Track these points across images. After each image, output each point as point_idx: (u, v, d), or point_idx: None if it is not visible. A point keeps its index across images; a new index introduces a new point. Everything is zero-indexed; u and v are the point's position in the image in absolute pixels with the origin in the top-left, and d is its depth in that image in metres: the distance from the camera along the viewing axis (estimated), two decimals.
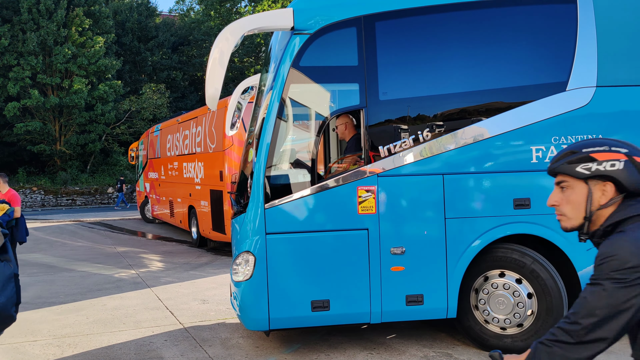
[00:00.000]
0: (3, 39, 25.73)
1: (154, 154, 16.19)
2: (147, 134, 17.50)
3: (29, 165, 29.69)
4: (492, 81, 4.85)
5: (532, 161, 4.76)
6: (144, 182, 17.54)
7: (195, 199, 12.02)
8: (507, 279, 4.77)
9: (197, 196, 11.83)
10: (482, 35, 4.89)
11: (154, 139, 16.17)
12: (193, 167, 12.08)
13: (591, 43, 4.82)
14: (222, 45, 4.37)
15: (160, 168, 15.41)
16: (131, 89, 32.43)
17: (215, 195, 10.70)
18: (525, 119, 4.76)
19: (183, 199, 13.11)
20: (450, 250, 4.71)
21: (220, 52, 4.38)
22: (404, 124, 4.74)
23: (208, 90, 4.42)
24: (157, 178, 15.79)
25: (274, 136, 4.58)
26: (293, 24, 4.56)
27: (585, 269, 4.76)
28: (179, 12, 40.13)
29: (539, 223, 4.75)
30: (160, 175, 15.38)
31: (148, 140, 17.02)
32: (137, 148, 18.93)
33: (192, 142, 12.24)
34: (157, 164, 15.83)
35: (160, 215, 16.03)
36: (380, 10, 4.68)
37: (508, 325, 4.79)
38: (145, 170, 17.25)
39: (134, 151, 19.33)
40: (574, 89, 4.79)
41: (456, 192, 4.72)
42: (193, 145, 12.16)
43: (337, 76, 4.76)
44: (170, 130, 14.36)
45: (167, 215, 14.96)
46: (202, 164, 11.50)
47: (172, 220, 14.60)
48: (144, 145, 17.76)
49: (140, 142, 18.47)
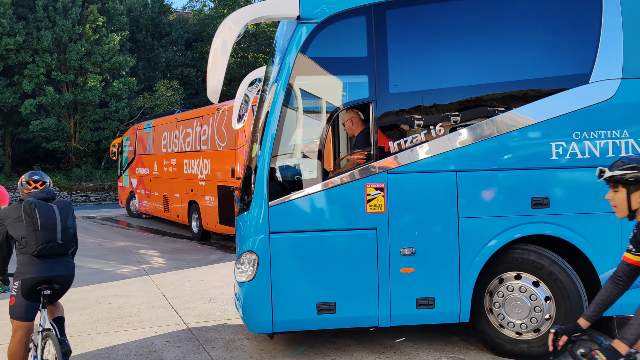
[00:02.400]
0: (18, 36, 25.89)
1: (144, 150, 16.33)
2: (134, 130, 17.56)
3: (44, 162, 29.90)
4: (510, 73, 4.60)
5: (551, 158, 4.50)
6: (129, 178, 17.77)
7: (198, 194, 12.42)
8: (523, 281, 4.52)
9: (201, 191, 12.22)
10: (500, 25, 4.63)
11: (144, 136, 16.30)
12: (196, 164, 12.44)
13: (616, 33, 4.54)
14: (224, 35, 4.18)
15: (152, 164, 15.62)
16: (145, 86, 32.48)
17: (223, 190, 11.09)
18: (544, 112, 4.50)
19: (182, 194, 13.47)
20: (464, 252, 4.47)
21: (223, 42, 4.19)
22: (416, 118, 4.51)
23: (209, 82, 4.24)
24: (148, 174, 16.01)
25: (279, 130, 4.38)
26: (299, 13, 4.35)
27: (607, 271, 4.50)
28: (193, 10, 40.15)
29: (558, 223, 4.50)
30: (152, 171, 15.61)
31: (136, 136, 17.08)
32: (121, 144, 18.95)
33: (195, 140, 12.60)
34: (148, 160, 16.01)
35: (149, 210, 16.30)
36: None
37: (524, 330, 4.55)
38: (132, 166, 17.41)
39: (117, 147, 19.40)
40: (598, 81, 4.52)
41: (470, 190, 4.48)
42: (197, 143, 12.51)
43: (346, 68, 4.54)
44: (167, 127, 14.59)
45: (159, 210, 15.31)
46: (209, 161, 11.87)
47: (166, 214, 14.90)
48: (130, 141, 17.82)
49: (126, 138, 18.48)
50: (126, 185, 18.22)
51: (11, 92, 26.97)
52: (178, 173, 13.68)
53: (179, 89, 30.91)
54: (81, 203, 25.97)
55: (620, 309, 4.52)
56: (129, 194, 18.10)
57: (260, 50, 33.76)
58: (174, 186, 14.08)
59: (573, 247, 4.57)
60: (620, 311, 4.54)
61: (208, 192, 11.82)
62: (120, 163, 18.99)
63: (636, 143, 4.55)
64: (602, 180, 2.56)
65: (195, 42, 35.64)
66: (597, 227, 4.51)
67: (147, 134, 16.15)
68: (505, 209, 4.49)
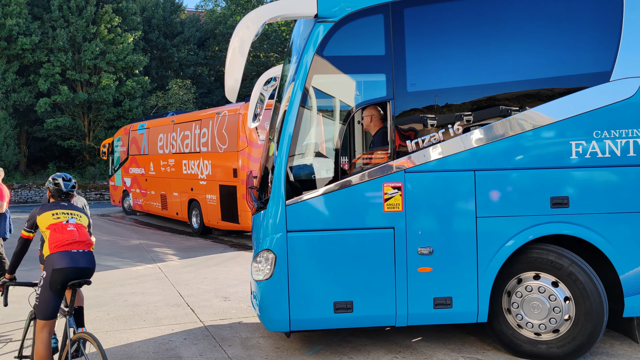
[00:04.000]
0: (34, 35, 26.18)
1: (138, 151, 16.94)
2: (125, 131, 18.10)
3: (59, 160, 30.21)
4: (529, 71, 4.55)
5: (571, 157, 4.45)
6: (122, 177, 18.39)
7: (198, 193, 13.31)
8: (542, 281, 4.48)
9: (202, 190, 13.11)
10: (519, 23, 4.58)
11: (138, 137, 16.89)
12: (197, 164, 13.31)
13: (638, 30, 4.47)
14: (242, 34, 4.19)
15: (148, 164, 16.24)
16: (158, 85, 32.68)
17: (225, 189, 12.03)
18: (564, 111, 4.45)
19: (181, 193, 14.30)
20: (482, 251, 4.44)
21: (241, 41, 4.20)
22: (434, 117, 4.48)
23: (227, 81, 4.25)
24: (143, 173, 16.61)
25: (296, 128, 4.38)
26: (317, 12, 4.34)
27: (628, 272, 4.45)
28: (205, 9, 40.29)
29: (577, 223, 4.44)
30: (148, 171, 16.25)
31: (129, 137, 17.64)
32: (112, 144, 19.54)
33: (194, 142, 13.51)
34: (143, 160, 16.62)
35: (145, 208, 16.97)
36: None
37: (543, 331, 4.51)
38: (125, 166, 18.02)
39: (107, 147, 20.04)
40: (619, 79, 4.46)
41: (488, 190, 4.45)
42: (196, 145, 13.41)
43: (363, 66, 4.52)
44: (163, 129, 15.31)
45: (155, 208, 16.07)
46: (209, 162, 12.76)
47: (163, 212, 15.64)
48: (122, 141, 18.38)
49: (117, 138, 18.99)
50: (119, 184, 18.88)
51: (27, 91, 27.29)
52: (177, 173, 14.42)
53: (192, 88, 31.05)
54: (95, 201, 26.20)
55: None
56: (122, 193, 18.73)
57: (272, 49, 33.80)
58: (172, 185, 14.80)
59: (594, 248, 4.52)
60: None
61: (209, 191, 12.71)
62: (111, 162, 19.62)
63: None
64: None
65: (207, 40, 35.76)
66: (617, 227, 4.45)
67: (141, 135, 16.73)
68: (523, 208, 4.45)
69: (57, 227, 3.95)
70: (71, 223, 4.01)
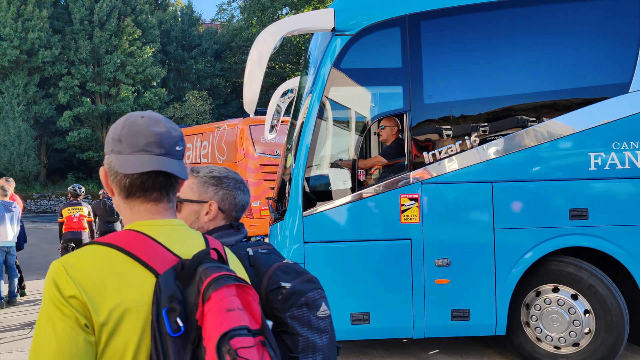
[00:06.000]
0: (54, 48, 26.72)
1: None
2: None
3: (78, 171, 30.67)
4: (547, 83, 4.54)
5: (590, 168, 4.42)
6: None
7: None
8: (561, 294, 4.43)
9: None
10: (536, 34, 4.59)
11: None
12: None
13: None
14: (260, 47, 4.25)
15: None
16: (175, 97, 33.10)
17: None
18: (583, 123, 4.43)
19: None
20: (500, 263, 4.42)
21: (259, 54, 4.26)
22: (450, 128, 4.49)
23: (246, 94, 4.30)
24: None
25: (313, 141, 4.41)
26: (334, 25, 4.39)
27: None
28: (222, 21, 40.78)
29: (597, 235, 4.40)
30: None
31: None
32: None
33: (195, 153, 14.69)
34: None
35: None
36: (426, 9, 4.47)
37: (562, 344, 4.46)
38: None
39: None
40: (638, 90, 4.43)
41: (506, 201, 4.43)
42: (197, 156, 14.56)
43: (380, 78, 4.56)
44: None
45: None
46: None
47: None
48: None
49: None
50: None
51: (47, 103, 27.81)
52: None
53: (208, 99, 31.39)
54: None
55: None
56: None
57: (287, 60, 34.05)
58: None
59: (614, 260, 4.47)
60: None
61: None
62: None
63: None
64: None
65: (224, 52, 36.17)
66: (638, 239, 4.40)
67: None
68: (542, 220, 4.42)
69: None
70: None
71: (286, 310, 1.52)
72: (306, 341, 1.52)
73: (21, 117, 26.66)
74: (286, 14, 35.85)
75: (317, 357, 1.53)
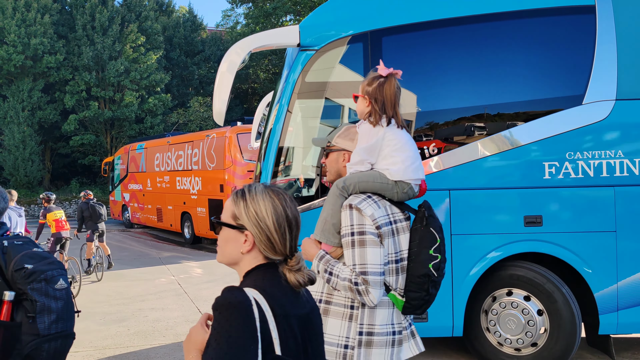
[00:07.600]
0: (59, 54, 27.16)
1: (136, 169, 18.80)
2: (125, 151, 20.14)
3: (82, 176, 31.06)
4: (504, 95, 4.74)
5: (544, 177, 4.61)
6: (121, 192, 20.29)
7: (190, 206, 15.11)
8: (514, 297, 4.62)
9: (193, 204, 14.91)
10: (494, 48, 4.79)
11: (137, 156, 18.81)
12: (189, 180, 15.06)
13: (611, 55, 4.63)
14: (230, 59, 4.49)
15: (145, 180, 18.03)
16: (179, 102, 33.47)
17: (213, 203, 13.73)
18: (537, 133, 4.63)
19: (175, 207, 16.00)
20: (456, 267, 4.61)
21: (229, 65, 4.48)
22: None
23: (216, 105, 4.53)
24: (141, 189, 18.38)
25: (279, 150, 4.64)
26: (299, 41, 4.63)
27: (602, 290, 4.56)
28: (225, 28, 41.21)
29: (551, 241, 4.58)
30: (146, 187, 18.03)
31: (128, 156, 19.63)
32: (112, 162, 21.63)
33: (187, 161, 15.22)
34: (141, 177, 18.44)
35: (142, 221, 18.69)
36: (387, 26, 4.69)
37: (522, 346, 4.64)
38: (125, 182, 19.88)
39: (108, 165, 22.18)
40: (591, 102, 4.62)
41: (463, 208, 4.63)
42: (188, 163, 15.10)
43: (344, 91, 4.77)
44: (159, 149, 17.19)
45: (152, 220, 17.79)
46: (200, 178, 14.44)
47: (159, 224, 17.29)
48: (122, 160, 20.39)
49: (117, 157, 21.06)
50: (118, 199, 20.73)
51: (52, 109, 28.24)
52: (171, 188, 16.20)
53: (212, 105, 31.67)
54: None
55: (616, 328, 4.57)
56: (121, 207, 20.44)
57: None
58: (167, 200, 16.59)
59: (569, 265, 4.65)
60: (616, 330, 4.59)
61: (200, 204, 14.55)
62: (112, 179, 21.52)
63: (631, 163, 4.62)
64: None
65: None
66: (591, 246, 4.58)
67: (139, 154, 18.63)
68: (497, 226, 4.61)
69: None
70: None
71: (27, 284, 2.17)
72: (42, 305, 2.18)
73: (26, 123, 27.10)
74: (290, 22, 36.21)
75: (52, 317, 2.20)
